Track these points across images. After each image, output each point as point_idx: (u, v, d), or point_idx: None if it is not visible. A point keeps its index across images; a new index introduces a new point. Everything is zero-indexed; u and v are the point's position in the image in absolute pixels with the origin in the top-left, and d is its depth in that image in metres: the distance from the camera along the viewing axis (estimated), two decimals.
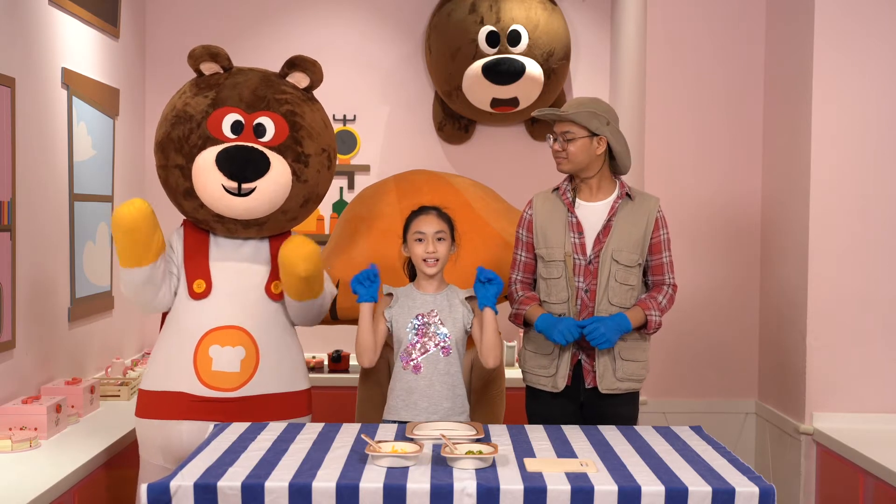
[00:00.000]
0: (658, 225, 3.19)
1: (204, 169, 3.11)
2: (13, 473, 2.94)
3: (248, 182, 3.09)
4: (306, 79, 3.33)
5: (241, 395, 3.11)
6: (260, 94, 3.19)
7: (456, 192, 3.79)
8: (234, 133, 3.14)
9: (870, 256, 3.70)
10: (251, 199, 3.11)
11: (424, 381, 3.04)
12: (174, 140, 3.16)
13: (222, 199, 3.11)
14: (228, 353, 3.12)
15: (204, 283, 3.17)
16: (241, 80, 3.23)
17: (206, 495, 2.31)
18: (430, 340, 3.06)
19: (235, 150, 3.10)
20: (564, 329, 3.05)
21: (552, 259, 3.17)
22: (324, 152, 3.29)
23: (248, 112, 3.16)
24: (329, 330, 4.62)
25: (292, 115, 3.21)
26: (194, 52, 3.22)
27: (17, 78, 3.52)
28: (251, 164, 3.09)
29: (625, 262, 3.12)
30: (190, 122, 3.15)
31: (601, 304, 3.11)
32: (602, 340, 3.03)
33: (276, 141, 3.17)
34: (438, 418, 3.01)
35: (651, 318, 3.12)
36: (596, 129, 3.12)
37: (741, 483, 2.36)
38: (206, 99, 3.17)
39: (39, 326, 3.72)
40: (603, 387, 3.12)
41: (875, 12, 3.69)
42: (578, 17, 5.20)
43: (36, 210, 3.70)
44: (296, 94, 3.28)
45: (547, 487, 2.31)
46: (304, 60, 3.30)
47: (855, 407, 3.71)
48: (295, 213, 3.28)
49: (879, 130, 3.70)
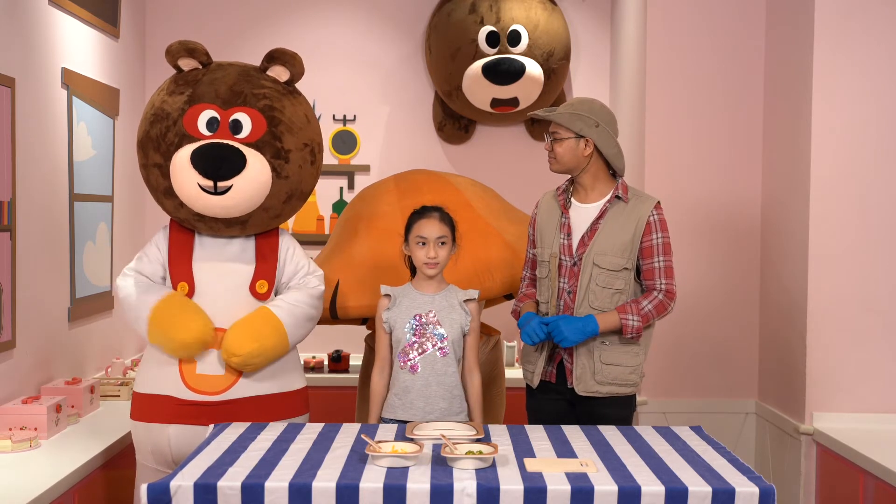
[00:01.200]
0: (650, 229, 3.12)
1: (180, 167, 3.06)
2: (13, 473, 2.94)
3: (224, 180, 3.03)
4: (286, 72, 3.23)
5: (226, 398, 3.08)
6: (237, 89, 3.13)
7: (456, 191, 3.79)
8: (209, 130, 3.10)
9: (870, 256, 3.70)
10: (228, 198, 3.06)
11: (421, 381, 3.05)
12: (152, 139, 3.13)
13: (200, 197, 3.07)
14: (212, 356, 3.09)
15: (187, 286, 3.14)
16: (218, 75, 3.17)
17: (206, 495, 2.31)
18: (427, 341, 3.07)
19: (209, 147, 3.04)
20: (530, 329, 3.09)
21: (542, 259, 3.20)
22: (306, 147, 3.21)
23: (224, 108, 3.11)
24: (329, 330, 4.62)
25: (270, 109, 3.14)
26: (171, 49, 3.17)
27: (17, 78, 3.52)
28: (226, 162, 3.03)
29: (607, 266, 3.09)
30: (167, 119, 3.11)
31: (581, 306, 3.11)
32: (561, 339, 3.03)
33: (254, 137, 3.11)
34: (435, 418, 3.02)
35: (626, 322, 3.06)
36: (580, 131, 3.11)
37: (741, 483, 2.36)
38: (183, 96, 3.13)
39: (39, 326, 3.72)
40: (580, 389, 3.12)
41: (874, 13, 3.69)
42: (578, 17, 5.20)
43: (36, 210, 3.70)
44: (275, 89, 3.19)
45: (547, 487, 2.31)
46: (283, 53, 3.21)
47: (855, 407, 3.71)
48: (278, 211, 3.21)
49: (879, 130, 3.70)
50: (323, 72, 5.13)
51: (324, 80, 5.14)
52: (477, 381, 3.13)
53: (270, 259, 3.23)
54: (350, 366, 4.79)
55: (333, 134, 5.18)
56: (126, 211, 4.70)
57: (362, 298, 3.51)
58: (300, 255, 3.29)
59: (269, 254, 3.24)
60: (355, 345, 4.81)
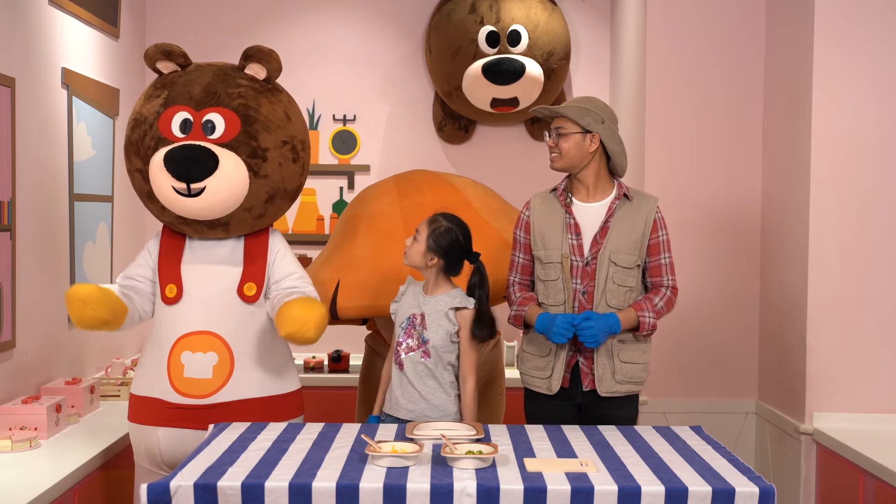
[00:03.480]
0: (656, 226, 3.16)
1: (155, 171, 3.06)
2: (13, 473, 2.94)
3: (196, 182, 3.01)
4: (263, 70, 3.19)
5: (214, 401, 3.07)
6: (211, 89, 3.11)
7: (456, 191, 3.79)
8: (182, 132, 3.08)
9: (870, 256, 3.70)
10: (202, 200, 3.04)
11: (405, 378, 3.09)
12: (133, 143, 3.14)
13: (176, 200, 3.06)
14: (200, 360, 3.08)
15: (175, 288, 3.13)
16: (194, 76, 3.16)
17: (206, 495, 2.31)
18: (414, 341, 3.09)
19: (179, 150, 3.02)
20: (559, 328, 3.04)
21: (550, 261, 3.15)
22: (285, 144, 3.17)
23: (197, 109, 3.09)
24: (329, 330, 4.59)
25: (245, 108, 3.11)
26: (148, 52, 3.16)
27: (17, 78, 3.52)
28: (196, 163, 3.00)
29: (623, 263, 3.10)
30: (144, 123, 3.12)
31: (599, 305, 3.10)
32: (591, 340, 3.02)
33: (227, 137, 3.08)
34: (415, 417, 3.05)
35: (644, 320, 3.08)
36: (587, 126, 3.11)
37: (741, 483, 2.36)
38: (159, 99, 3.13)
39: (39, 326, 3.72)
40: (602, 390, 3.11)
41: (874, 13, 3.69)
42: (578, 17, 5.20)
43: (36, 210, 3.70)
44: (251, 87, 3.16)
45: (547, 487, 2.31)
46: (258, 51, 3.17)
47: (855, 407, 3.71)
48: (260, 211, 3.18)
49: (879, 130, 3.70)
50: (323, 72, 5.14)
51: (324, 80, 5.14)
52: (469, 389, 3.10)
53: (259, 261, 3.20)
54: (350, 366, 4.79)
55: (333, 134, 5.18)
56: (126, 211, 4.70)
57: (362, 298, 3.51)
58: (290, 259, 3.24)
59: (258, 255, 3.21)
60: (355, 345, 4.81)
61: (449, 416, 3.07)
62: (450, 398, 3.09)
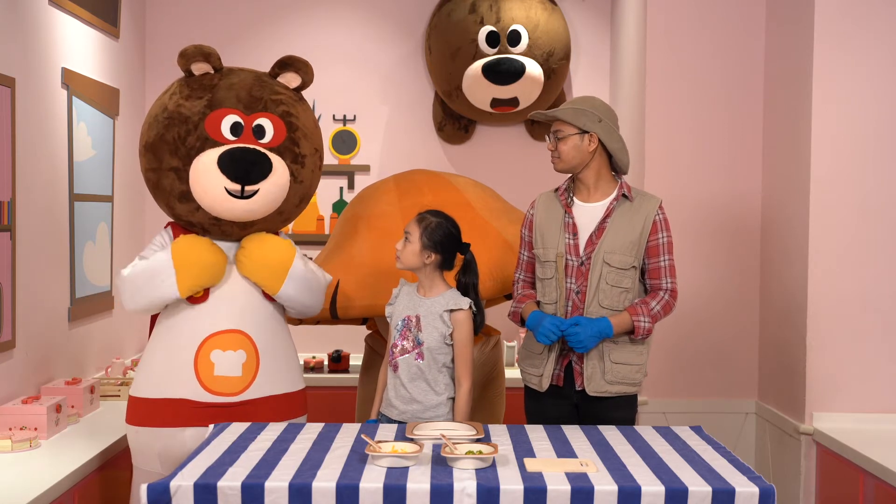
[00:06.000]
0: (656, 228, 3.14)
1: (204, 171, 3.06)
2: (13, 473, 2.95)
3: (252, 184, 3.07)
4: (297, 79, 3.28)
5: (243, 398, 3.11)
6: (256, 94, 3.16)
7: (456, 191, 3.79)
8: (233, 135, 3.11)
9: (870, 256, 3.70)
10: (253, 202, 3.10)
11: (399, 379, 3.10)
12: (168, 142, 3.11)
13: (225, 201, 3.08)
14: (230, 358, 3.11)
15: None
16: (235, 80, 3.18)
17: (206, 495, 2.31)
18: (408, 343, 3.09)
19: (240, 152, 3.06)
20: (546, 330, 3.06)
21: (546, 259, 3.17)
22: (316, 152, 3.30)
23: (247, 113, 3.13)
24: (329, 330, 4.62)
25: (288, 115, 3.19)
26: (186, 52, 3.15)
27: (17, 78, 3.52)
28: (256, 167, 3.07)
29: (616, 264, 3.09)
30: (186, 123, 3.10)
31: (591, 306, 3.10)
32: (580, 346, 3.03)
33: (276, 142, 3.15)
34: (407, 418, 3.05)
35: (639, 324, 3.08)
36: (584, 126, 3.11)
37: (741, 483, 2.36)
38: (202, 100, 3.12)
39: (39, 326, 3.72)
40: (590, 389, 3.11)
41: (874, 12, 3.69)
42: (578, 17, 5.20)
43: (36, 210, 3.70)
44: (289, 95, 3.25)
45: (547, 487, 2.31)
46: (296, 61, 3.26)
47: (855, 407, 3.71)
48: (289, 213, 3.28)
49: (879, 130, 3.70)
50: (323, 72, 5.09)
51: (324, 81, 5.11)
52: (464, 391, 3.09)
53: None
54: (350, 366, 4.79)
55: (333, 134, 5.18)
56: (126, 211, 4.70)
57: (362, 298, 3.51)
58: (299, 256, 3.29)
59: None
60: (355, 345, 4.81)
61: (440, 418, 3.07)
62: (441, 399, 3.09)
